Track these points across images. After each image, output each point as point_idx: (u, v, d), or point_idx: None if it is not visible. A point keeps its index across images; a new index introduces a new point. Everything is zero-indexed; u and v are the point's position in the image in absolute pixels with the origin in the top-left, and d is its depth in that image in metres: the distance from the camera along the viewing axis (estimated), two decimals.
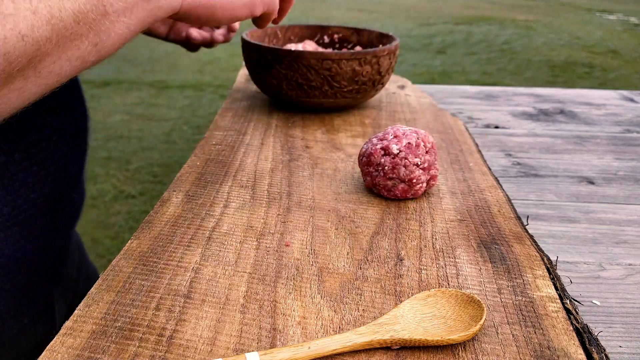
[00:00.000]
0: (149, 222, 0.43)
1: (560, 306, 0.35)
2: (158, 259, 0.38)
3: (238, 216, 0.44)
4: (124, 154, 2.63)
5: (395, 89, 0.83)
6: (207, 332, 0.31)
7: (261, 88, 0.70)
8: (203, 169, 0.52)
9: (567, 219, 0.56)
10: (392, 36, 0.71)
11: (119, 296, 0.34)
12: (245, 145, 0.59)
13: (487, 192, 0.50)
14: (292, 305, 0.34)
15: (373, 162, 0.47)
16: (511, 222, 0.45)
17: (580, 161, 0.71)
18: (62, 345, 0.30)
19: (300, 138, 0.61)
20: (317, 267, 0.38)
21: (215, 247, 0.40)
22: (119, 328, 0.31)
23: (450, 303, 0.33)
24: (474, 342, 0.31)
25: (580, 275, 0.47)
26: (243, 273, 0.37)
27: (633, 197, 0.61)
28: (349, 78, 0.63)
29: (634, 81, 4.02)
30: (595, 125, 0.84)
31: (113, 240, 1.94)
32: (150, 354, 0.30)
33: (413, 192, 0.47)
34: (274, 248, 0.40)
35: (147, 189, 2.30)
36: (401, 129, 0.47)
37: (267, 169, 0.53)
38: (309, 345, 0.30)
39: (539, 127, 0.83)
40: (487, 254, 0.40)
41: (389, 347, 0.31)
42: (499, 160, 0.70)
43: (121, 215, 2.09)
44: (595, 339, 0.32)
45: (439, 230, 0.43)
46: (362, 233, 0.42)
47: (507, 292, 0.36)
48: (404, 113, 0.72)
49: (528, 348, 0.31)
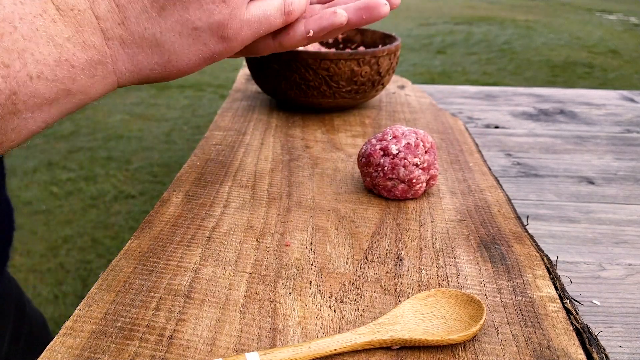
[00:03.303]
0: (149, 222, 0.43)
1: (560, 306, 0.35)
2: (158, 259, 0.38)
3: (238, 216, 0.44)
4: (124, 154, 2.63)
5: (395, 89, 0.83)
6: (207, 332, 0.31)
7: (261, 87, 0.70)
8: (203, 169, 0.52)
9: (567, 219, 0.56)
10: (394, 36, 0.71)
11: (119, 296, 0.34)
12: (245, 145, 0.59)
13: (487, 192, 0.50)
14: (292, 305, 0.34)
15: (372, 162, 0.47)
16: (511, 222, 0.45)
17: (580, 161, 0.71)
18: (62, 345, 0.30)
19: (300, 138, 0.61)
20: (317, 267, 0.38)
21: (215, 247, 0.40)
22: (119, 328, 0.31)
23: (450, 303, 0.33)
24: (474, 342, 0.31)
25: (580, 275, 0.47)
26: (243, 273, 0.37)
27: (633, 197, 0.61)
28: (347, 78, 0.63)
29: (634, 81, 4.02)
30: (595, 125, 0.84)
31: (113, 240, 1.94)
32: (150, 354, 0.30)
33: (413, 192, 0.47)
34: (274, 248, 0.40)
35: (147, 189, 2.30)
36: (400, 129, 0.47)
37: (267, 169, 0.53)
38: (309, 345, 0.30)
39: (539, 127, 0.83)
40: (487, 254, 0.40)
41: (389, 347, 0.31)
42: (499, 160, 0.70)
43: (121, 215, 2.09)
44: (595, 339, 0.32)
45: (439, 230, 0.43)
46: (362, 233, 0.42)
47: (507, 292, 0.36)
48: (404, 113, 0.71)
49: (528, 348, 0.31)
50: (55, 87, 0.30)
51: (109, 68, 0.33)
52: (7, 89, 0.27)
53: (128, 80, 0.35)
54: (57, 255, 1.85)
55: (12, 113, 0.28)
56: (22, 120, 0.29)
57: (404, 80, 0.89)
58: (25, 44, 0.28)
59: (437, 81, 3.94)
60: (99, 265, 1.81)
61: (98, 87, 0.33)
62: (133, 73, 0.35)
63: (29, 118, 0.29)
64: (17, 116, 0.28)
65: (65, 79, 0.30)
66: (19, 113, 0.28)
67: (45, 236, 1.93)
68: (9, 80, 0.27)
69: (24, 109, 0.28)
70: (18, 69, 0.28)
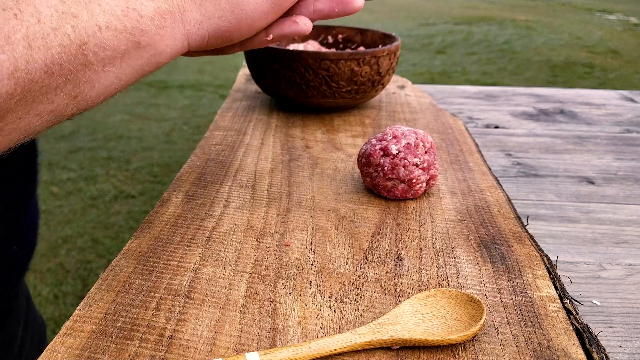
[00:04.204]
0: (149, 222, 0.43)
1: (560, 306, 0.35)
2: (158, 259, 0.38)
3: (238, 216, 0.44)
4: (124, 154, 2.63)
5: (395, 89, 0.83)
6: (207, 332, 0.31)
7: (261, 87, 0.70)
8: (203, 169, 0.52)
9: (567, 219, 0.56)
10: (394, 37, 0.71)
11: (119, 296, 0.34)
12: (245, 145, 0.59)
13: (487, 192, 0.50)
14: (292, 305, 0.34)
15: (372, 163, 0.47)
16: (511, 222, 0.45)
17: (580, 161, 0.71)
18: (62, 345, 0.30)
19: (300, 138, 0.61)
20: (317, 267, 0.38)
21: (215, 247, 0.40)
22: (119, 328, 0.31)
23: (450, 303, 0.33)
24: (474, 342, 0.31)
25: (580, 275, 0.47)
26: (243, 273, 0.37)
27: (633, 197, 0.61)
28: (347, 78, 0.63)
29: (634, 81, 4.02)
30: (595, 125, 0.84)
31: (113, 240, 1.94)
32: (150, 354, 0.30)
33: (413, 192, 0.47)
34: (274, 248, 0.40)
35: (147, 189, 2.30)
36: (400, 129, 0.47)
37: (267, 169, 0.53)
38: (309, 345, 0.30)
39: (539, 127, 0.83)
40: (487, 254, 0.40)
41: (389, 347, 0.31)
42: (499, 160, 0.70)
43: (121, 215, 2.09)
44: (595, 339, 0.32)
45: (439, 230, 0.43)
46: (362, 233, 0.42)
47: (507, 292, 0.36)
48: (404, 113, 0.72)
49: (528, 348, 0.31)
50: (125, 37, 0.29)
51: (177, 17, 0.33)
52: (77, 39, 0.27)
53: (198, 33, 0.34)
54: (57, 255, 1.85)
55: (83, 65, 0.28)
56: (94, 73, 0.29)
57: (404, 80, 0.89)
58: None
59: (437, 81, 3.94)
60: (99, 265, 1.81)
61: (168, 40, 0.33)
62: (202, 23, 0.34)
63: (100, 71, 0.29)
64: (89, 68, 0.28)
65: (134, 29, 0.30)
66: (91, 65, 0.28)
67: (45, 236, 1.93)
68: (78, 30, 0.27)
69: (95, 60, 0.28)
70: (86, 19, 0.28)
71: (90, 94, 0.29)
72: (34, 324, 0.64)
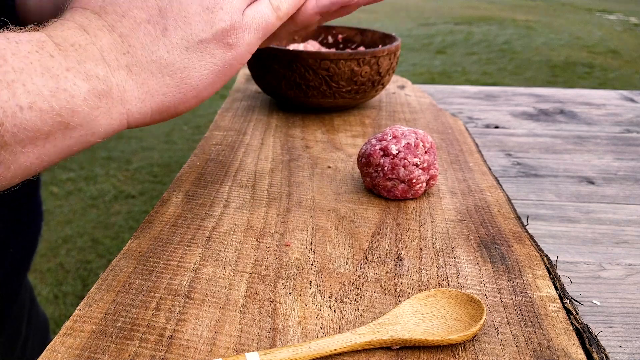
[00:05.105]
0: (149, 222, 0.43)
1: (560, 306, 0.35)
2: (158, 259, 0.38)
3: (238, 216, 0.44)
4: (124, 154, 2.63)
5: (395, 89, 0.83)
6: (207, 332, 0.31)
7: (261, 87, 0.70)
8: (203, 169, 0.52)
9: (567, 219, 0.56)
10: (394, 37, 0.71)
11: (119, 296, 0.34)
12: (245, 145, 0.59)
13: (487, 192, 0.50)
14: (292, 305, 0.34)
15: (372, 163, 0.47)
16: (511, 222, 0.45)
17: (580, 161, 0.71)
18: (62, 345, 0.30)
19: (300, 138, 0.61)
20: (317, 267, 0.38)
21: (215, 247, 0.40)
22: (119, 328, 0.31)
23: (450, 303, 0.33)
24: (474, 342, 0.31)
25: (580, 275, 0.47)
26: (243, 273, 0.37)
27: (633, 197, 0.61)
28: (347, 78, 0.63)
29: (634, 81, 4.02)
30: (595, 125, 0.84)
31: (113, 240, 1.94)
32: (150, 354, 0.30)
33: (413, 192, 0.47)
34: (274, 248, 0.40)
35: (147, 189, 2.30)
36: (400, 129, 0.48)
37: (267, 169, 0.53)
38: (309, 345, 0.30)
39: (539, 127, 0.83)
40: (487, 254, 0.40)
41: (389, 347, 0.31)
42: (499, 160, 0.70)
43: (121, 215, 2.10)
44: (595, 339, 0.32)
45: (439, 230, 0.43)
46: (362, 233, 0.42)
47: (507, 292, 0.36)
48: (404, 113, 0.72)
49: (528, 348, 0.31)
50: (50, 118, 0.28)
51: (115, 97, 0.32)
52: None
53: (139, 111, 0.33)
54: (57, 255, 1.85)
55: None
56: (10, 153, 0.27)
57: (404, 80, 0.89)
58: (15, 76, 0.27)
59: (437, 81, 3.94)
60: (99, 265, 1.81)
61: (103, 120, 0.32)
62: (144, 101, 0.33)
63: (18, 152, 0.27)
64: (5, 149, 0.27)
65: (62, 110, 0.29)
66: (7, 146, 0.27)
67: (45, 236, 1.93)
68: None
69: (12, 141, 0.27)
70: (6, 99, 0.26)
71: (5, 175, 0.28)
72: (37, 321, 0.64)
